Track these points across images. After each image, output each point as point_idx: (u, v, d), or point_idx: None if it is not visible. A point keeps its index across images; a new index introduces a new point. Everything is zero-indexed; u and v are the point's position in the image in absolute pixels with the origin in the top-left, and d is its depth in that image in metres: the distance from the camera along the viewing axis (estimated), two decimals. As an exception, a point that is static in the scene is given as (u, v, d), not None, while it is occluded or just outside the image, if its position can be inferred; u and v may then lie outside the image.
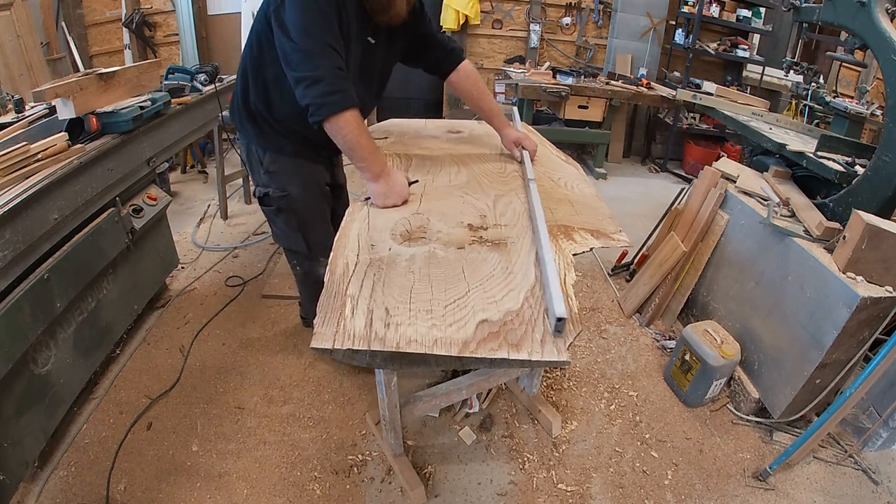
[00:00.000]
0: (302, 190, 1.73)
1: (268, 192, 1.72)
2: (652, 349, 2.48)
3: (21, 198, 1.45)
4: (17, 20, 3.66)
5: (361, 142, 1.43)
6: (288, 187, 1.71)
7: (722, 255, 2.38)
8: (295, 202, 1.73)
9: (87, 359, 1.84)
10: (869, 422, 1.96)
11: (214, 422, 1.93)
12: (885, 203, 1.89)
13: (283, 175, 1.70)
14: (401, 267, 1.19)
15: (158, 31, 4.94)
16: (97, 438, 1.83)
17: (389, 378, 1.49)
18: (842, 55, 2.47)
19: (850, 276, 1.72)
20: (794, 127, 2.87)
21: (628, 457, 1.91)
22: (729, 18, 5.01)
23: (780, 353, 1.98)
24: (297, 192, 1.72)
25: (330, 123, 1.39)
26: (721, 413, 2.14)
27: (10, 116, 1.95)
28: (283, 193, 1.71)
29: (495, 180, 1.72)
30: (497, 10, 5.27)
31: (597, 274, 3.12)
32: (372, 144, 1.47)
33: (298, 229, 1.80)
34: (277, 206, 1.74)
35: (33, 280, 1.49)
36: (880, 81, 3.70)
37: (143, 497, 1.65)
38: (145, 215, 2.14)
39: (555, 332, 0.99)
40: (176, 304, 2.58)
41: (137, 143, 2.09)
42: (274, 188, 1.71)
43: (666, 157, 5.26)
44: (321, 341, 0.96)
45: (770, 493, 1.81)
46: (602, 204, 1.63)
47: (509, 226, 1.41)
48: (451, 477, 1.77)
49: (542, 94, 4.35)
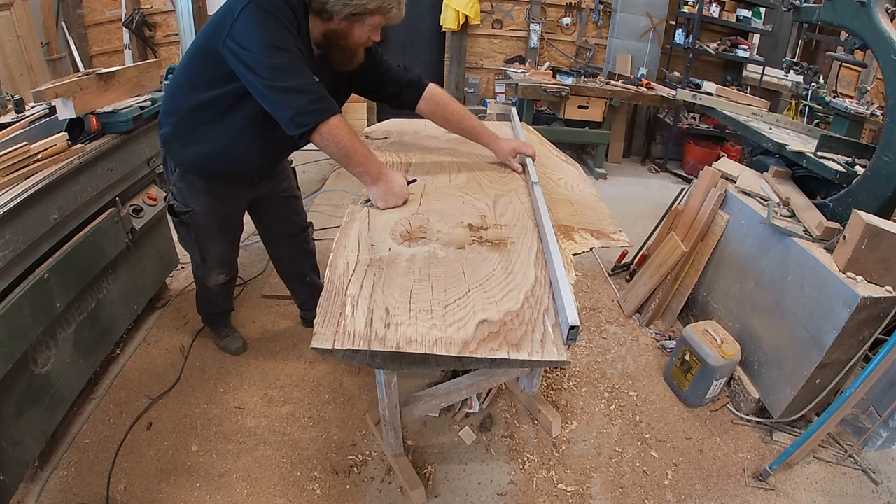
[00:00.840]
0: (206, 210, 1.75)
1: (173, 204, 1.76)
2: (652, 349, 2.48)
3: (21, 198, 1.44)
4: (17, 20, 3.66)
5: (355, 146, 1.41)
6: (192, 204, 1.73)
7: (722, 255, 2.38)
8: (196, 218, 1.76)
9: (87, 359, 1.84)
10: (869, 422, 1.96)
11: (214, 422, 1.93)
12: (885, 203, 1.89)
13: (189, 192, 1.71)
14: (401, 267, 1.19)
15: (158, 31, 4.94)
16: (97, 438, 1.83)
17: (389, 378, 1.49)
18: (842, 55, 2.47)
19: (850, 276, 1.72)
20: (794, 127, 2.87)
21: (628, 457, 1.91)
22: (729, 18, 5.01)
23: (780, 353, 1.98)
24: (201, 210, 1.75)
25: (319, 133, 1.36)
26: (721, 413, 2.14)
27: (10, 116, 1.95)
28: (186, 208, 1.74)
29: (495, 180, 1.72)
30: (497, 10, 5.27)
31: (597, 274, 3.12)
32: (365, 148, 1.45)
33: (196, 242, 1.85)
34: (180, 220, 1.77)
35: (33, 280, 1.49)
36: (880, 81, 3.71)
37: (143, 497, 1.65)
38: (145, 215, 2.14)
39: (568, 341, 0.98)
40: (176, 304, 2.58)
41: (137, 143, 2.09)
42: (179, 201, 1.74)
43: (666, 157, 5.26)
44: (321, 341, 0.96)
45: (770, 493, 1.81)
46: (602, 204, 1.63)
47: (509, 226, 1.41)
48: (451, 477, 1.77)
49: (542, 94, 4.35)
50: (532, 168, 1.72)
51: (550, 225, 1.33)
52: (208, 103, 1.50)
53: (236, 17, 1.32)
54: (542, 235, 1.32)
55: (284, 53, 1.32)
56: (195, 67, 1.49)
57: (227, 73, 1.40)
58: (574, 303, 1.01)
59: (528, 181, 1.66)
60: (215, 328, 2.28)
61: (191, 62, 1.50)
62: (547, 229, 1.30)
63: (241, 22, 1.31)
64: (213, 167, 1.65)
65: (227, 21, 1.33)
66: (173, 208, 1.76)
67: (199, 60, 1.47)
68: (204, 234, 1.82)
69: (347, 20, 1.42)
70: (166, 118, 1.62)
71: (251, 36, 1.31)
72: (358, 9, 1.40)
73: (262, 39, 1.30)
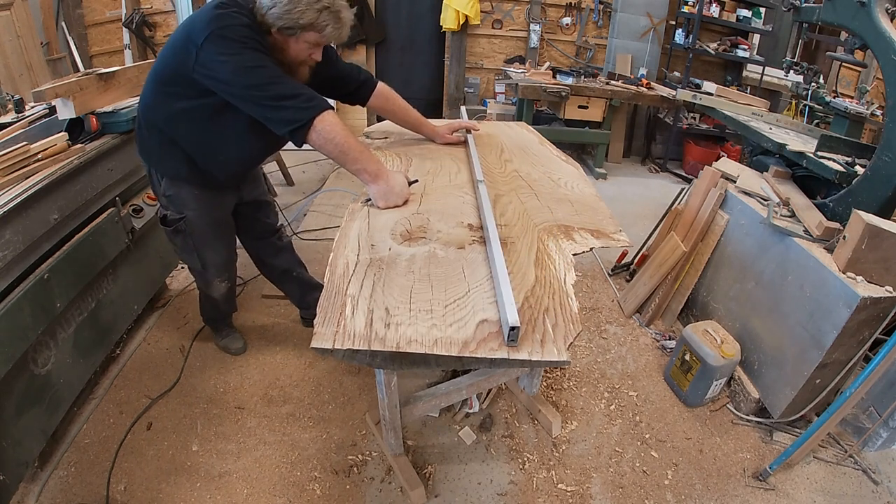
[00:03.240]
0: (199, 214, 1.75)
1: (166, 215, 1.75)
2: (652, 349, 2.48)
3: (21, 198, 1.45)
4: (17, 20, 3.66)
5: (350, 142, 1.42)
6: (185, 211, 1.73)
7: (722, 255, 2.38)
8: (192, 225, 1.76)
9: (87, 359, 1.84)
10: (869, 422, 1.96)
11: (214, 422, 1.93)
12: (885, 203, 1.89)
13: (180, 200, 1.71)
14: (401, 267, 1.19)
15: (158, 31, 4.94)
16: (97, 438, 1.83)
17: (389, 378, 1.49)
18: (842, 55, 2.47)
19: (850, 276, 1.72)
20: (794, 127, 2.87)
21: (628, 457, 1.91)
22: (729, 18, 5.01)
23: (780, 353, 1.98)
24: (194, 216, 1.74)
25: (315, 130, 1.38)
26: (721, 413, 2.14)
27: (10, 116, 1.95)
28: (179, 216, 1.74)
29: (495, 180, 1.72)
30: (497, 10, 5.27)
31: (597, 274, 3.12)
32: (361, 145, 1.46)
33: (194, 249, 1.84)
34: (175, 228, 1.76)
35: (33, 280, 1.49)
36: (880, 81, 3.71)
37: (143, 497, 1.65)
38: (145, 215, 2.14)
39: (509, 343, 0.96)
40: (176, 304, 2.58)
41: (137, 143, 2.09)
42: (172, 211, 1.73)
43: (666, 157, 5.26)
44: (321, 341, 0.96)
45: (770, 493, 1.81)
46: (602, 204, 1.63)
47: (509, 226, 1.41)
48: (451, 477, 1.77)
49: (542, 94, 4.35)
50: (474, 152, 1.80)
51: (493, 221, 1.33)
52: (187, 112, 1.49)
53: (200, 47, 1.32)
54: (485, 234, 1.31)
55: (259, 70, 1.35)
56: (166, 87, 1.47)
57: (203, 89, 1.40)
58: (514, 301, 1.00)
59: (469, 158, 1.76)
60: (216, 328, 2.29)
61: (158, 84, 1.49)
62: (490, 226, 1.29)
63: (205, 53, 1.33)
64: (200, 174, 1.65)
65: (190, 49, 1.34)
66: (166, 218, 1.75)
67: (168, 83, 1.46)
68: (200, 239, 1.82)
69: (281, 34, 1.42)
70: (146, 132, 1.61)
71: (222, 68, 1.33)
72: (289, 22, 1.39)
73: (234, 69, 1.33)
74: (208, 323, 2.29)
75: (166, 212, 1.75)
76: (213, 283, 1.98)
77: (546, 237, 1.37)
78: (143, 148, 1.66)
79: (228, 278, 2.03)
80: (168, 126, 1.55)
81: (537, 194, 1.65)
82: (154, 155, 1.65)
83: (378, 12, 5.21)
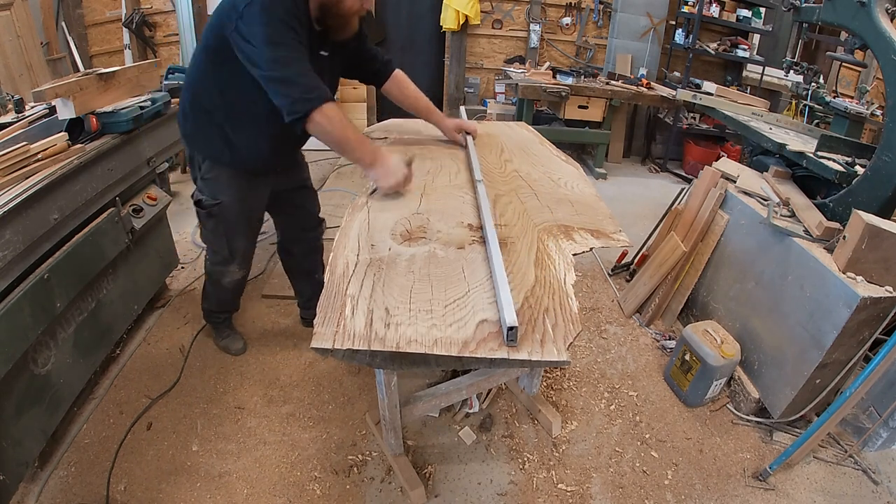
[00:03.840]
0: (234, 201, 1.80)
1: (201, 199, 1.79)
2: (652, 349, 2.48)
3: (21, 198, 1.44)
4: (17, 20, 3.66)
5: (347, 133, 1.48)
6: (220, 196, 1.78)
7: (722, 255, 2.38)
8: (225, 210, 1.81)
9: (87, 359, 1.84)
10: (869, 422, 1.96)
11: (214, 422, 1.93)
12: (885, 203, 1.89)
13: (218, 184, 1.77)
14: (401, 267, 1.19)
15: (158, 31, 4.94)
16: (97, 438, 1.83)
17: (389, 378, 1.49)
18: (842, 55, 2.47)
19: (850, 276, 1.72)
20: (794, 127, 2.87)
21: (628, 457, 1.91)
22: (729, 18, 5.01)
23: (780, 353, 1.98)
24: (229, 201, 1.80)
25: (312, 121, 1.43)
26: (721, 413, 2.14)
27: (10, 116, 1.95)
28: (215, 201, 1.78)
29: (495, 180, 1.72)
30: (497, 10, 5.27)
31: (597, 274, 3.12)
32: (358, 134, 1.52)
33: (224, 235, 1.89)
34: (209, 212, 1.81)
35: (33, 280, 1.49)
36: (880, 81, 3.71)
37: (143, 497, 1.65)
38: (145, 215, 2.14)
39: (508, 343, 0.96)
40: (176, 304, 2.58)
41: (137, 143, 2.09)
42: (208, 195, 1.78)
43: (666, 157, 5.26)
44: (321, 341, 0.96)
45: (770, 493, 1.81)
46: (602, 204, 1.63)
47: (509, 226, 1.41)
48: (451, 477, 1.77)
49: (542, 94, 4.35)
50: (473, 152, 1.82)
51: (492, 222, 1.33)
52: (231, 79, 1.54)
53: (241, 14, 1.38)
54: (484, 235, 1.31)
55: (284, 48, 1.40)
56: (213, 55, 1.54)
57: None
58: (511, 301, 1.00)
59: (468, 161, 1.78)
60: (217, 327, 2.28)
61: (207, 54, 1.57)
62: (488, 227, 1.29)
63: (246, 19, 1.38)
64: (240, 157, 1.70)
65: (232, 16, 1.40)
66: (202, 202, 1.79)
67: (215, 50, 1.53)
68: (232, 226, 1.86)
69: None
70: (192, 114, 1.68)
71: (257, 32, 1.38)
72: None
73: (266, 37, 1.38)
74: (209, 319, 2.28)
75: (202, 196, 1.79)
76: (231, 271, 2.01)
77: (546, 237, 1.37)
78: (187, 131, 1.74)
79: (246, 268, 2.07)
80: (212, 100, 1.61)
81: (537, 194, 1.65)
82: (198, 137, 1.72)
83: (378, 12, 5.21)
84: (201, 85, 1.63)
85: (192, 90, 1.66)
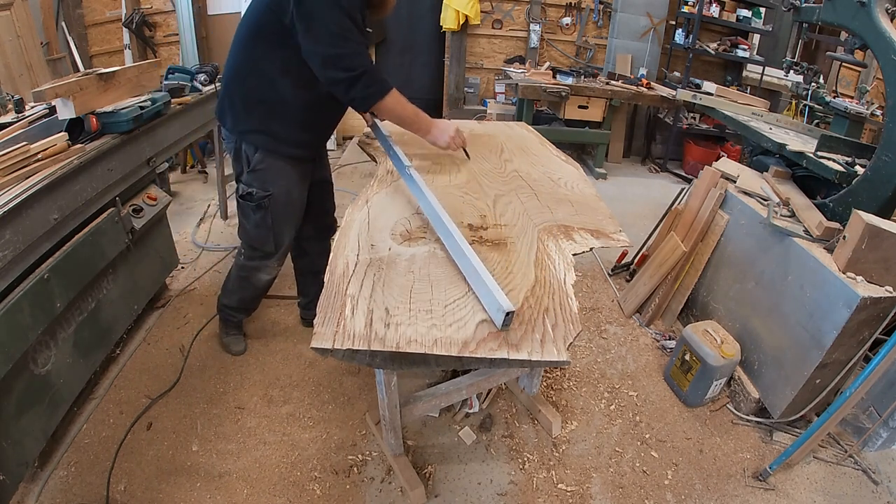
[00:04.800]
0: (284, 191, 1.81)
1: (251, 192, 1.79)
2: (652, 349, 2.48)
3: (21, 198, 1.44)
4: (17, 20, 3.65)
5: (407, 112, 1.69)
6: (271, 187, 1.78)
7: (722, 255, 2.38)
8: (275, 202, 1.81)
9: (87, 359, 1.84)
10: (869, 422, 1.96)
11: (214, 422, 1.93)
12: (885, 203, 1.89)
13: (269, 174, 1.77)
14: (401, 267, 1.19)
15: (158, 31, 4.94)
16: (97, 438, 1.83)
17: (389, 378, 1.49)
18: (842, 55, 2.47)
19: (850, 276, 1.72)
20: (794, 127, 2.87)
21: (628, 457, 1.91)
22: (729, 18, 5.01)
23: (780, 353, 1.98)
24: (279, 192, 1.80)
25: (378, 108, 1.61)
26: (721, 413, 2.14)
27: (10, 116, 1.95)
28: (265, 193, 1.78)
29: (495, 180, 1.72)
30: (497, 10, 5.27)
31: (597, 274, 3.12)
32: (415, 110, 1.71)
33: (271, 228, 1.87)
34: (258, 204, 1.80)
35: (33, 280, 1.49)
36: (880, 81, 3.70)
37: (143, 497, 1.65)
38: (145, 215, 2.14)
39: (503, 327, 0.99)
40: (176, 304, 2.58)
41: (137, 143, 2.08)
42: (258, 187, 1.78)
43: (666, 157, 5.26)
44: (321, 341, 0.96)
45: (770, 493, 1.81)
46: (602, 204, 1.64)
47: (509, 226, 1.41)
48: (451, 477, 1.77)
49: (542, 94, 4.34)
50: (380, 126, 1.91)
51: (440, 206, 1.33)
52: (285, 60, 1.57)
53: None
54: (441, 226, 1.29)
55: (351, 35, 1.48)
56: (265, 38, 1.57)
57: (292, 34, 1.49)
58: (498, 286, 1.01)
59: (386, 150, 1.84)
60: (226, 324, 2.26)
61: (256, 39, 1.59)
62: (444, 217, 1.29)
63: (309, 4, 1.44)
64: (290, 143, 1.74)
65: None
66: (251, 195, 1.79)
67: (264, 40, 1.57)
68: (280, 218, 1.86)
69: None
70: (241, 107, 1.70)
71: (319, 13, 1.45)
72: None
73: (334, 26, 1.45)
74: (223, 311, 2.23)
75: (250, 189, 1.79)
76: (270, 267, 2.00)
77: (546, 237, 1.38)
78: (238, 125, 1.73)
79: (280, 267, 2.07)
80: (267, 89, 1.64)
81: (537, 194, 1.65)
82: (250, 128, 1.72)
83: (378, 12, 5.21)
84: (254, 76, 1.63)
85: (245, 83, 1.66)
